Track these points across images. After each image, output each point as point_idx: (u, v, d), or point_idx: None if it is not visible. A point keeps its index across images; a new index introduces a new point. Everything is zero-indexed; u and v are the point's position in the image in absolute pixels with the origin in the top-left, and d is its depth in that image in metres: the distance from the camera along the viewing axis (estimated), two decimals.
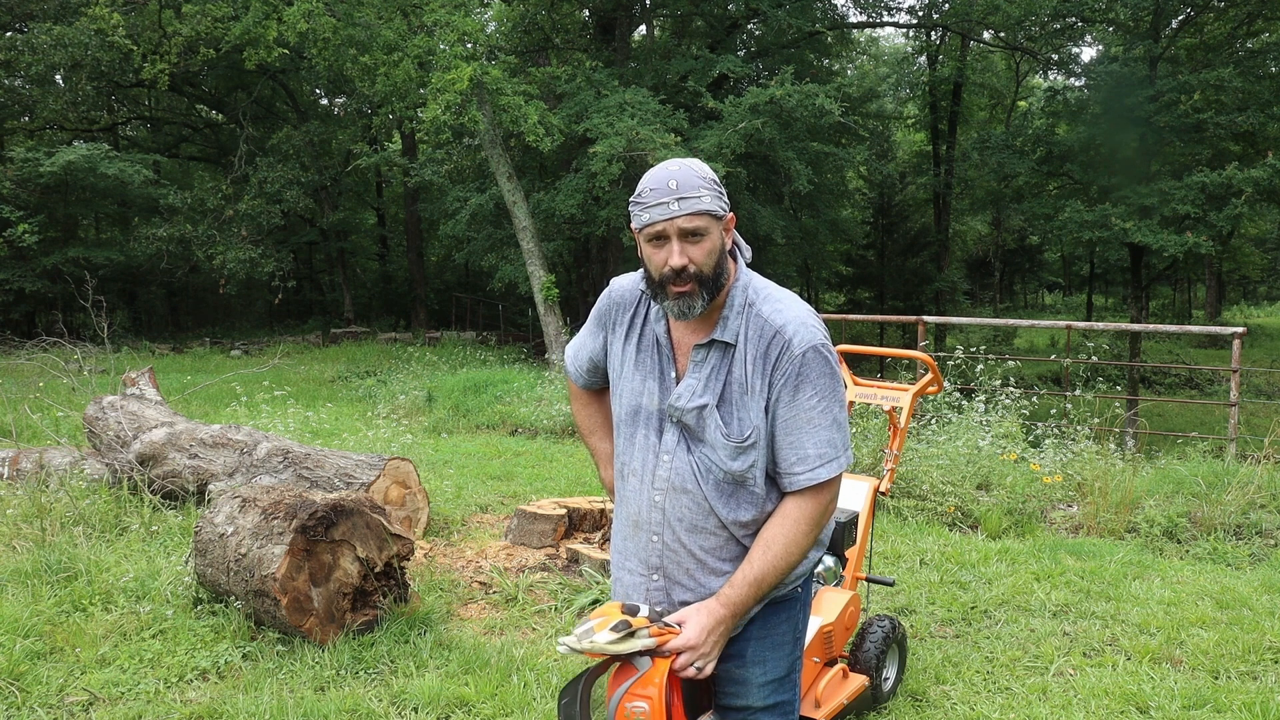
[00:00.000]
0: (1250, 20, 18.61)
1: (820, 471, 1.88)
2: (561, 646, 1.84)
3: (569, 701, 1.86)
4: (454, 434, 9.75)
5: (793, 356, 1.85)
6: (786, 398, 1.87)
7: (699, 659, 1.86)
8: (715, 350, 1.91)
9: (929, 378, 3.80)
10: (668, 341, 1.98)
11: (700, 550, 1.94)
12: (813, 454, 1.88)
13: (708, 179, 1.86)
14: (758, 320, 1.89)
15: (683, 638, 1.85)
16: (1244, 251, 28.85)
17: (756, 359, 1.88)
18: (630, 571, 2.03)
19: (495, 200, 17.05)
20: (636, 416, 2.00)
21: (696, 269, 1.84)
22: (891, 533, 5.74)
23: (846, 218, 25.00)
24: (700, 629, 1.86)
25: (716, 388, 1.90)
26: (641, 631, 1.83)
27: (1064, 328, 8.95)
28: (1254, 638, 4.07)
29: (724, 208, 1.88)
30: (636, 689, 1.84)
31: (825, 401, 1.88)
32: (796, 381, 1.86)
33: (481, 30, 15.37)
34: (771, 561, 1.89)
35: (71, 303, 18.44)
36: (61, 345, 9.28)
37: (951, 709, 3.52)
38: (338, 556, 3.97)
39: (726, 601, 1.89)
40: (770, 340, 1.87)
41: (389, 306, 29.88)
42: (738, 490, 1.92)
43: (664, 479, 1.95)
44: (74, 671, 3.62)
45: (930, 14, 22.73)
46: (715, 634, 1.88)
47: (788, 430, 1.88)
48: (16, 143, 22.51)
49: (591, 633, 1.81)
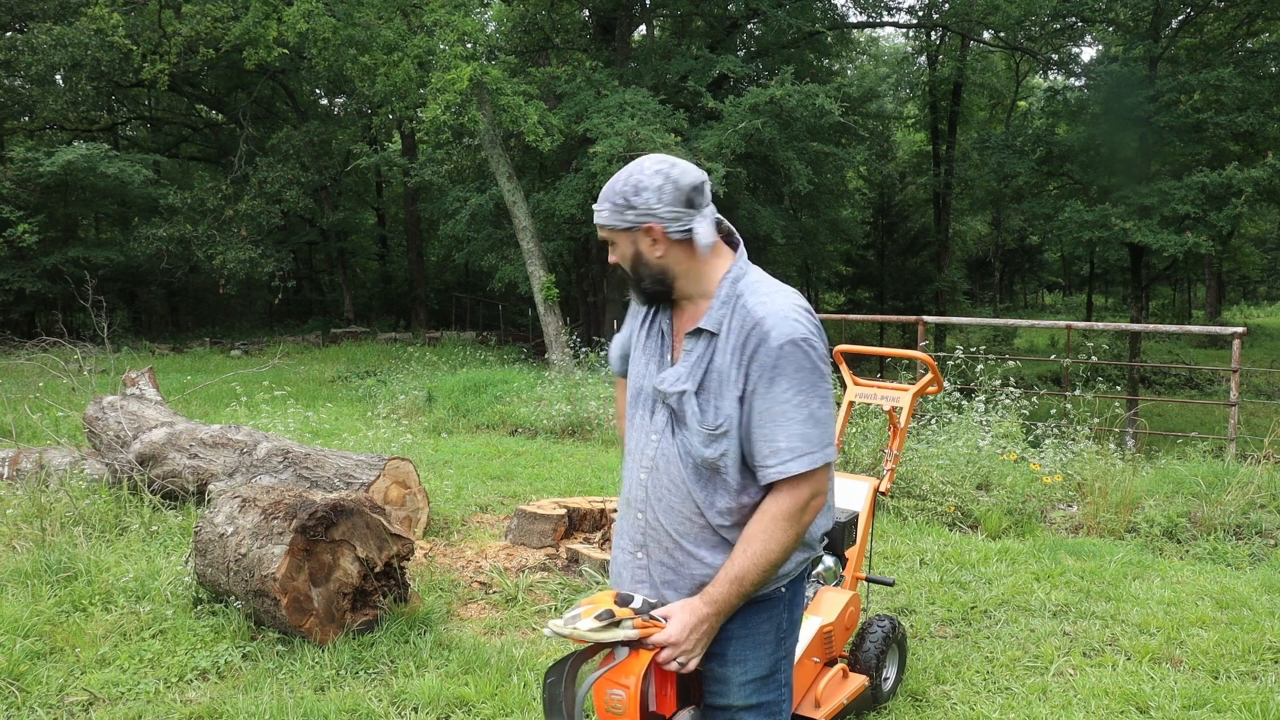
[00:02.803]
0: (1250, 20, 18.61)
1: (791, 465, 1.87)
2: (547, 631, 1.88)
3: (554, 681, 1.89)
4: (454, 434, 9.75)
5: (769, 349, 1.87)
6: (762, 389, 1.89)
7: (681, 655, 1.90)
8: (702, 339, 1.97)
9: (929, 378, 3.80)
10: (669, 329, 2.06)
11: (675, 532, 1.99)
12: (784, 447, 1.87)
13: (624, 189, 1.94)
14: (742, 311, 1.93)
15: (665, 633, 1.89)
16: (1244, 251, 28.80)
17: (735, 349, 1.92)
18: (622, 549, 2.11)
19: (495, 200, 17.05)
20: (638, 397, 2.08)
21: (624, 269, 2.02)
22: (891, 533, 5.74)
23: (846, 218, 24.97)
24: (683, 626, 1.89)
25: (698, 375, 1.96)
26: (626, 622, 1.86)
27: (1064, 328, 8.95)
28: (1254, 638, 4.07)
29: (630, 220, 1.94)
30: (615, 675, 1.87)
31: (802, 396, 1.88)
32: (773, 374, 1.88)
33: (481, 30, 15.40)
34: (751, 558, 1.90)
35: (71, 303, 18.42)
36: (61, 345, 9.28)
37: (951, 709, 3.52)
38: (338, 556, 3.97)
39: (709, 599, 1.92)
40: (750, 331, 1.90)
41: (389, 306, 29.87)
42: (714, 476, 1.96)
43: (650, 458, 2.02)
44: (74, 671, 3.62)
45: (930, 14, 22.73)
46: (698, 631, 1.91)
47: (761, 422, 1.90)
48: (16, 143, 22.47)
49: (578, 619, 1.85)
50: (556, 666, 1.91)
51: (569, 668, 1.91)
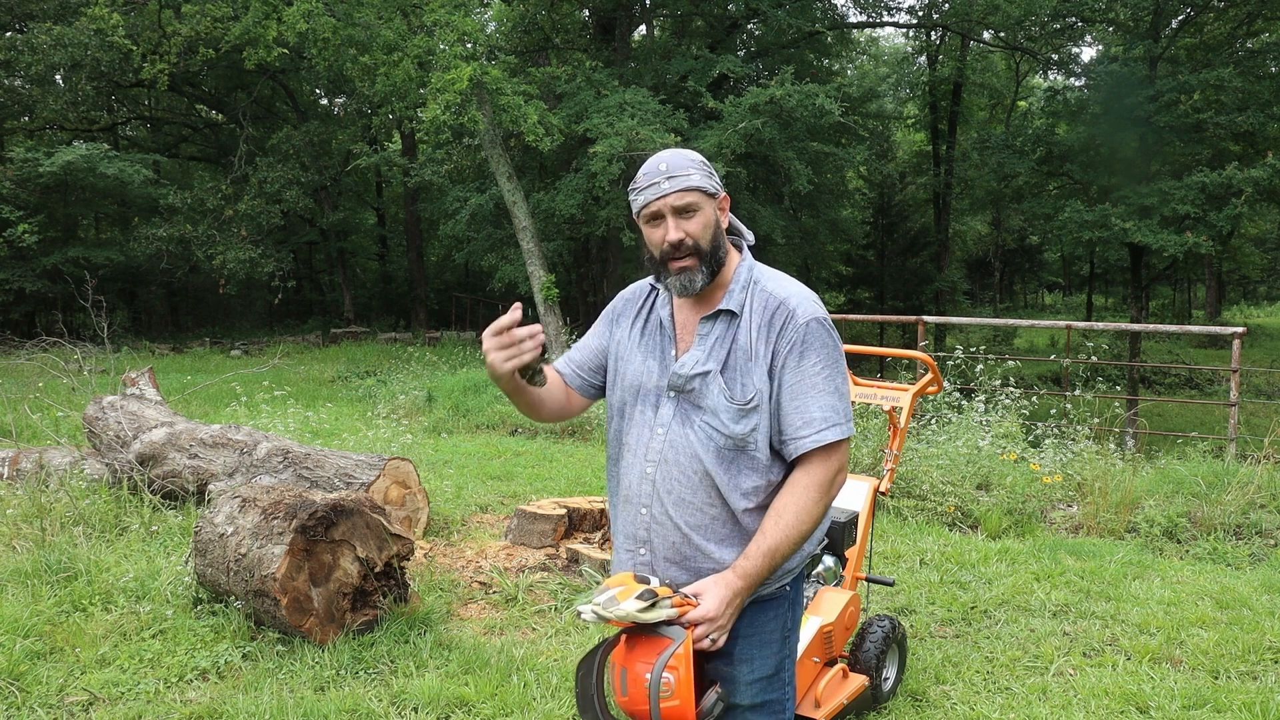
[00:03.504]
0: (1250, 20, 18.60)
1: (827, 434, 1.93)
2: (586, 614, 1.83)
3: (585, 674, 1.88)
4: (454, 434, 9.75)
5: (797, 325, 1.95)
6: (792, 364, 1.94)
7: (715, 630, 1.89)
8: (720, 320, 2.00)
9: (929, 378, 3.80)
10: (670, 323, 2.07)
11: (685, 525, 1.98)
12: (818, 417, 1.93)
13: (697, 161, 1.98)
14: (762, 294, 2.00)
15: (701, 609, 1.88)
16: (1244, 251, 28.78)
17: (761, 326, 1.96)
18: (622, 547, 2.10)
19: (495, 200, 17.04)
20: (636, 395, 2.07)
21: (694, 241, 1.95)
22: (891, 533, 5.74)
23: (846, 218, 24.94)
24: (719, 600, 1.89)
25: (720, 355, 1.98)
26: (664, 601, 1.84)
27: (1064, 328, 8.95)
28: (1254, 638, 4.07)
29: (715, 186, 1.99)
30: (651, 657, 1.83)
31: (829, 370, 1.95)
32: (802, 349, 1.94)
33: (481, 30, 15.38)
34: (784, 531, 1.92)
35: (71, 303, 18.43)
36: (61, 345, 9.27)
37: (951, 709, 3.52)
38: (338, 556, 3.97)
39: (742, 573, 1.92)
40: (775, 310, 1.97)
41: (389, 306, 29.86)
42: (739, 456, 1.96)
43: (657, 451, 2.01)
44: (74, 671, 3.62)
45: (930, 14, 22.73)
46: (732, 606, 1.91)
47: (794, 395, 1.94)
48: (16, 143, 22.48)
49: (615, 601, 1.82)
50: (587, 659, 1.90)
51: (600, 656, 1.89)
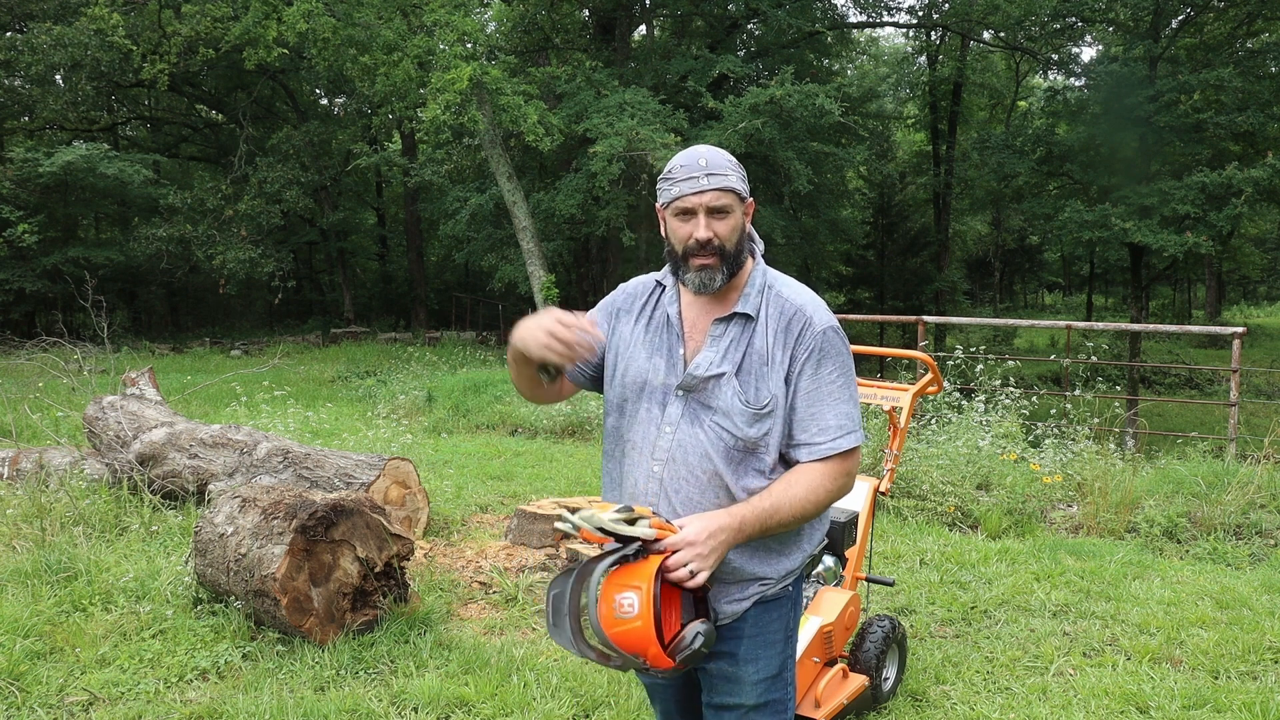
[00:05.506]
0: (1250, 20, 18.61)
1: (841, 441, 1.96)
2: (562, 524, 1.81)
3: (559, 594, 1.84)
4: (454, 434, 9.75)
5: (815, 333, 1.97)
6: (809, 371, 1.96)
7: (695, 558, 1.82)
8: (735, 323, 2.00)
9: (929, 378, 3.80)
10: (678, 321, 2.06)
11: None
12: (834, 425, 1.96)
13: (734, 162, 2.01)
14: (778, 300, 2.01)
15: (681, 534, 1.84)
16: (1244, 251, 28.78)
17: (778, 333, 1.98)
18: None
19: (495, 200, 17.05)
20: (641, 392, 2.05)
21: (720, 243, 1.96)
22: (891, 533, 5.74)
23: (846, 218, 24.96)
24: (701, 528, 1.85)
25: (735, 357, 1.98)
26: (642, 520, 1.82)
27: (1064, 328, 8.95)
28: (1254, 638, 4.07)
29: (747, 190, 2.02)
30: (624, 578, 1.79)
31: (844, 378, 1.99)
32: (820, 356, 1.96)
33: (481, 30, 15.40)
34: (790, 498, 1.93)
35: (71, 303, 18.40)
36: (61, 345, 9.27)
37: (951, 709, 3.52)
38: (338, 556, 3.97)
39: (732, 513, 1.89)
40: (792, 317, 1.98)
41: (389, 306, 29.86)
42: (746, 458, 1.97)
43: (665, 450, 2.00)
44: (74, 671, 3.62)
45: (930, 14, 22.75)
46: (716, 539, 1.85)
47: (810, 402, 1.96)
48: (16, 143, 22.49)
49: (595, 515, 1.79)
50: (560, 578, 1.85)
51: (575, 578, 1.83)
